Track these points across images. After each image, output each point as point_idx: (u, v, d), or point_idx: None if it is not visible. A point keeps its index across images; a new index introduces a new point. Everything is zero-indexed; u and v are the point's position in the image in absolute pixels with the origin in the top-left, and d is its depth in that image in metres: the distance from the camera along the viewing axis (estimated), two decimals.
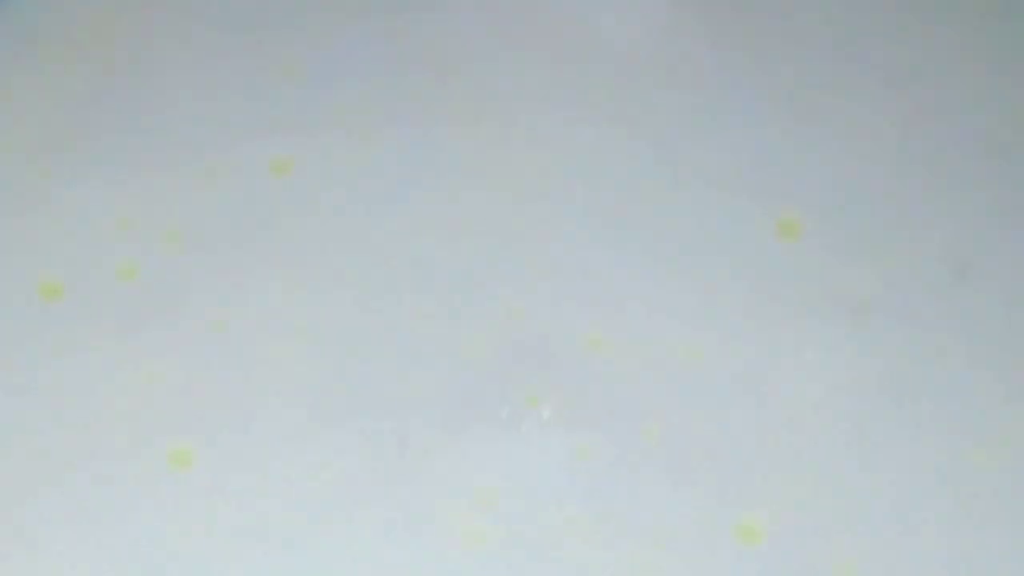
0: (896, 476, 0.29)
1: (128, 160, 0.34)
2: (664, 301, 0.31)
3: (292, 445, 0.29)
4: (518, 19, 0.38)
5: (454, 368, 0.30)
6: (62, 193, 0.33)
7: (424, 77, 0.36)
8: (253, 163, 0.33)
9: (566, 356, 0.30)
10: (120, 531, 0.27)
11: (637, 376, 0.30)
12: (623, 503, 0.28)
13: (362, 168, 0.34)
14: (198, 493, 0.28)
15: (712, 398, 0.29)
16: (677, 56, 0.37)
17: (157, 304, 0.31)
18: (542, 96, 0.36)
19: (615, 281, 0.32)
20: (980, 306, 0.31)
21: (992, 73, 0.37)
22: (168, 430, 0.29)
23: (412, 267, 0.32)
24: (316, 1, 0.38)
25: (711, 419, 0.29)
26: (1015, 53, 0.38)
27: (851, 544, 0.28)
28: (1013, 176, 0.34)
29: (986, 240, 0.33)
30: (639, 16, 0.38)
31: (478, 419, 0.29)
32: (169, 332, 0.30)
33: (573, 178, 0.34)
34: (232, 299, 0.31)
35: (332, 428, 0.29)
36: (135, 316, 0.30)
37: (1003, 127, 0.35)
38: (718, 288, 0.31)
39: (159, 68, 0.36)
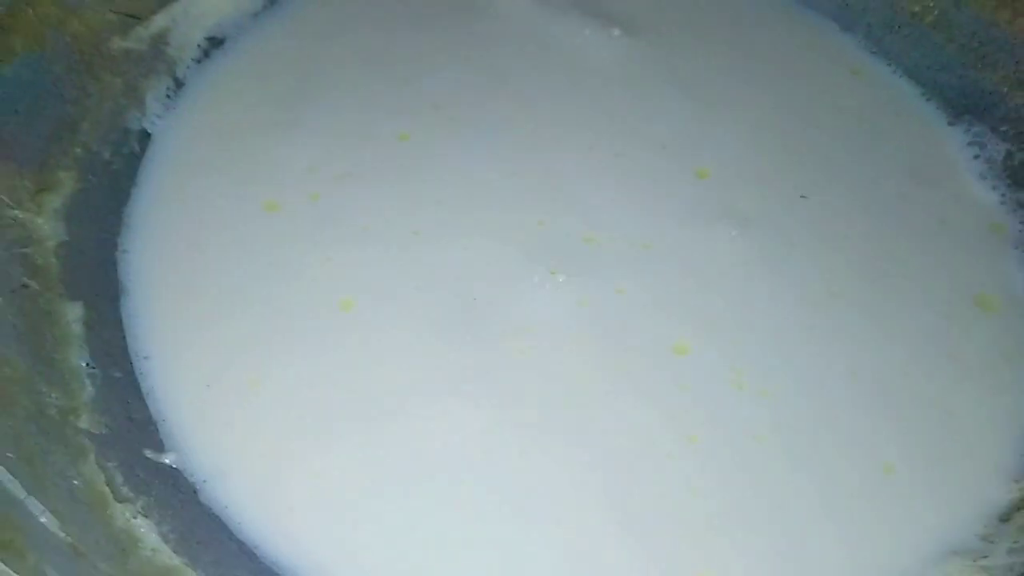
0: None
1: (310, 129, 0.52)
2: (628, 216, 0.49)
3: (403, 296, 0.45)
4: (535, 53, 0.56)
5: (505, 253, 0.47)
6: (276, 146, 0.51)
7: (479, 84, 0.54)
8: (386, 134, 0.52)
9: (571, 246, 0.48)
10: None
11: (612, 258, 0.48)
12: (603, 330, 0.45)
13: (451, 139, 0.52)
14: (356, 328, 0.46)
15: (656, 268, 0.47)
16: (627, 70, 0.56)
17: (323, 219, 0.49)
18: (545, 97, 0.54)
19: (599, 204, 0.49)
20: (816, 216, 0.50)
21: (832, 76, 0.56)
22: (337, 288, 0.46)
23: (481, 193, 0.49)
24: (422, 41, 0.57)
25: (655, 280, 0.47)
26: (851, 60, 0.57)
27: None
28: (835, 131, 0.53)
29: (821, 173, 0.51)
30: (604, 48, 0.57)
31: (520, 281, 0.46)
32: (330, 233, 0.48)
33: (572, 143, 0.52)
34: (376, 211, 0.49)
35: (429, 289, 0.46)
36: (319, 222, 0.49)
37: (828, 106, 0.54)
38: (655, 204, 0.49)
39: (334, 79, 0.54)
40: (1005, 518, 0.41)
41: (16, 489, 0.35)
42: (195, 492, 0.40)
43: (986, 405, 0.44)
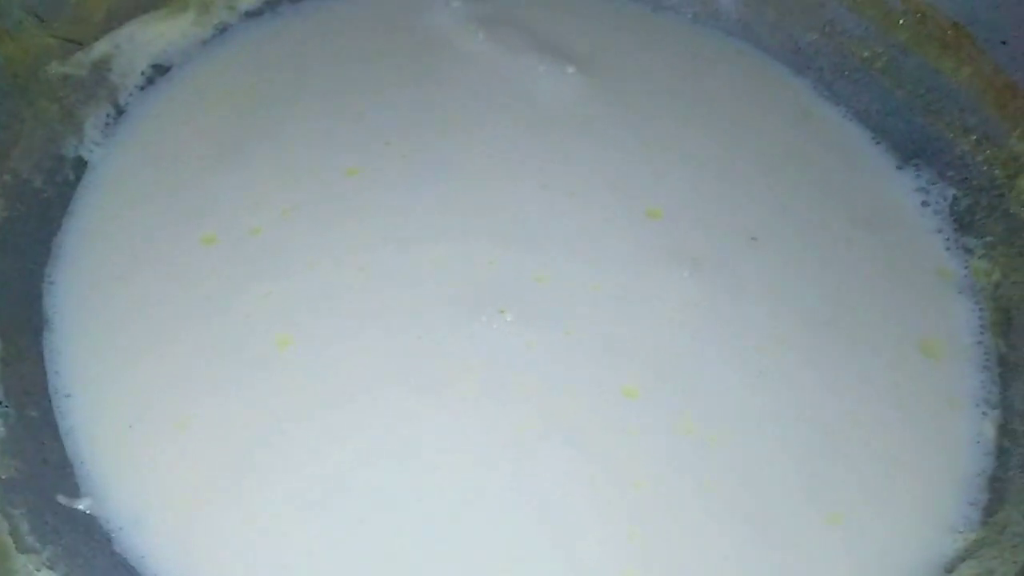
0: None
1: (255, 161, 0.51)
2: (579, 255, 0.49)
3: (344, 334, 0.44)
4: (490, 90, 0.56)
5: (454, 291, 0.46)
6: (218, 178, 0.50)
7: (432, 120, 0.53)
8: (334, 169, 0.51)
9: (521, 285, 0.47)
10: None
11: (562, 298, 0.47)
12: (550, 372, 0.44)
13: (402, 175, 0.51)
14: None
15: (605, 309, 0.47)
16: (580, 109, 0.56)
17: (263, 253, 0.48)
18: (499, 134, 0.53)
19: (550, 243, 0.49)
20: (766, 259, 0.50)
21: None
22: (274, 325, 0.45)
23: (430, 231, 0.49)
24: (374, 76, 0.56)
25: (604, 322, 0.47)
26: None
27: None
28: (787, 174, 0.53)
29: (771, 215, 0.52)
30: (558, 85, 0.57)
31: (469, 320, 0.46)
32: (270, 267, 0.47)
33: (524, 181, 0.51)
34: (320, 247, 0.47)
35: (373, 327, 0.45)
36: (258, 257, 0.47)
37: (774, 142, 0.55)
38: (606, 244, 0.49)
39: (283, 112, 0.53)
40: (949, 568, 0.41)
41: None
42: (110, 540, 0.38)
43: (931, 454, 0.44)
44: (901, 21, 0.58)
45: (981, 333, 0.49)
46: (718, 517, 0.41)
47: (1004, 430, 0.46)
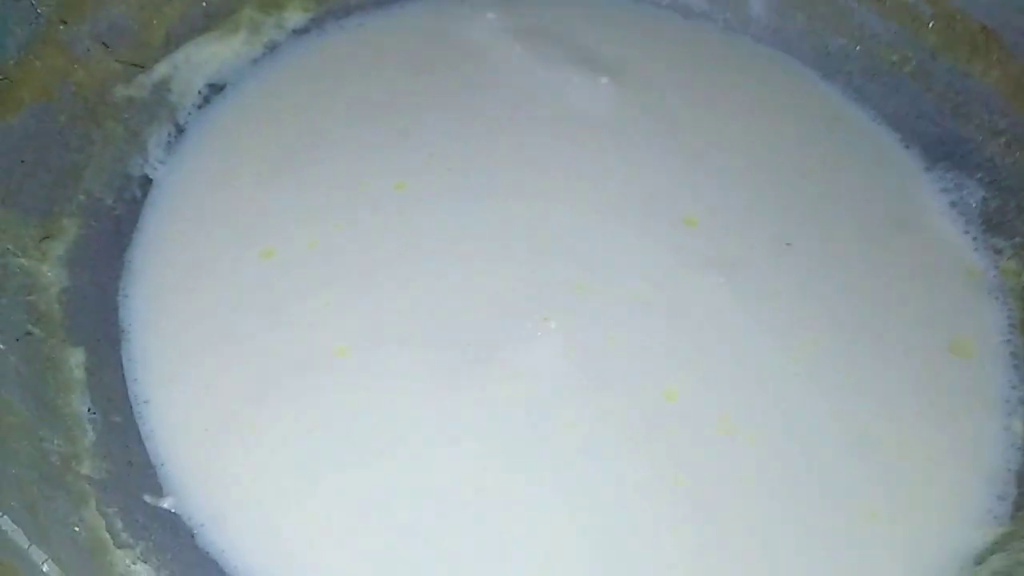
0: None
1: (308, 177, 0.53)
2: (618, 264, 0.50)
3: (398, 343, 0.47)
4: (527, 102, 0.58)
5: (499, 299, 0.48)
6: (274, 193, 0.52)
7: (472, 133, 0.56)
8: (383, 184, 0.53)
9: (564, 293, 0.49)
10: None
11: (603, 305, 0.49)
12: (593, 377, 0.46)
13: (446, 188, 0.53)
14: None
15: (645, 315, 0.49)
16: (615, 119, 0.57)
17: (319, 266, 0.50)
18: (537, 145, 0.55)
19: (590, 252, 0.51)
20: (799, 264, 0.51)
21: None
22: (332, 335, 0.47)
23: (475, 241, 0.51)
24: (416, 90, 0.58)
25: (645, 327, 0.48)
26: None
27: None
28: (818, 178, 0.54)
29: (804, 220, 0.53)
30: (592, 96, 0.58)
31: (515, 327, 0.47)
32: (326, 280, 0.49)
33: (563, 192, 0.53)
34: (372, 259, 0.50)
35: (424, 336, 0.47)
36: (315, 269, 0.50)
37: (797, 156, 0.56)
38: (645, 252, 0.50)
39: (332, 127, 0.56)
40: (979, 561, 0.42)
41: (20, 538, 0.35)
42: (193, 536, 0.41)
43: (962, 450, 0.45)
44: (930, 25, 0.59)
45: (1010, 332, 0.51)
46: (758, 516, 0.43)
47: None
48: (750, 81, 0.61)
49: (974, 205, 0.56)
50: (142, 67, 0.55)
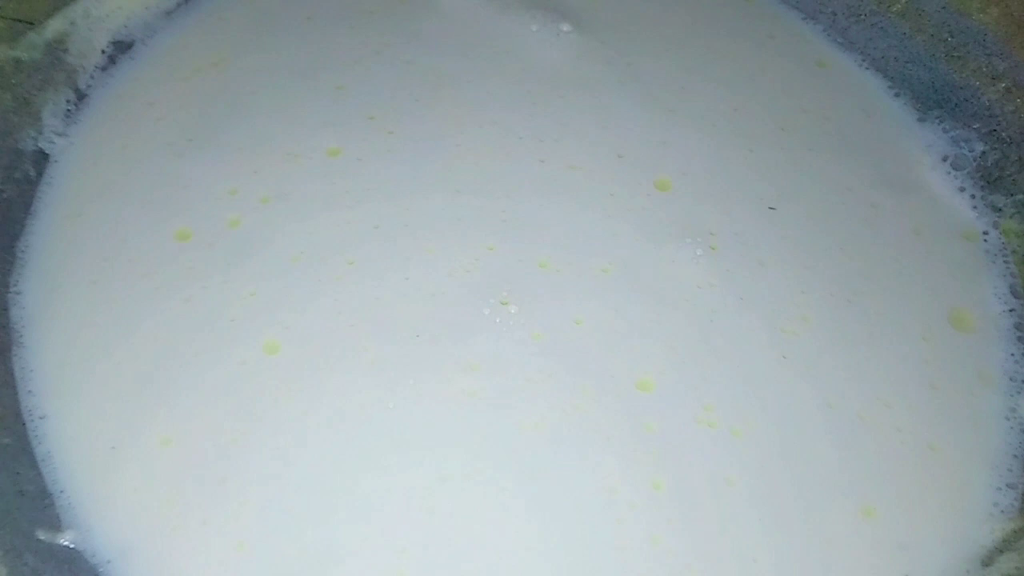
0: None
1: (229, 146, 0.47)
2: (584, 236, 0.45)
3: (337, 336, 0.41)
4: (479, 53, 0.52)
5: (451, 282, 0.44)
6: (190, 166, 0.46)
7: (417, 90, 0.50)
8: (314, 150, 0.47)
9: (524, 273, 0.44)
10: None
11: (568, 285, 0.44)
12: (560, 366, 0.42)
13: (388, 154, 0.47)
14: None
15: (616, 294, 0.44)
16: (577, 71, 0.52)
17: (244, 248, 0.44)
18: (490, 103, 0.49)
19: (552, 224, 0.46)
20: (785, 230, 0.47)
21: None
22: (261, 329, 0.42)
23: (422, 216, 0.45)
24: (353, 43, 0.51)
25: (616, 308, 0.44)
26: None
27: None
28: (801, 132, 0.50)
29: (789, 181, 0.48)
30: (553, 46, 0.53)
31: (468, 314, 0.43)
32: (252, 265, 0.43)
33: (521, 155, 0.48)
34: (304, 239, 0.44)
35: (366, 326, 0.42)
36: (239, 252, 0.44)
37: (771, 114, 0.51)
38: (614, 222, 0.45)
39: (256, 87, 0.49)
40: (988, 562, 0.39)
41: None
42: None
43: (964, 437, 0.42)
44: None
45: (1014, 300, 0.47)
46: (746, 516, 0.39)
47: None
48: (725, 25, 0.56)
49: (971, 159, 0.52)
50: (31, 23, 0.48)
